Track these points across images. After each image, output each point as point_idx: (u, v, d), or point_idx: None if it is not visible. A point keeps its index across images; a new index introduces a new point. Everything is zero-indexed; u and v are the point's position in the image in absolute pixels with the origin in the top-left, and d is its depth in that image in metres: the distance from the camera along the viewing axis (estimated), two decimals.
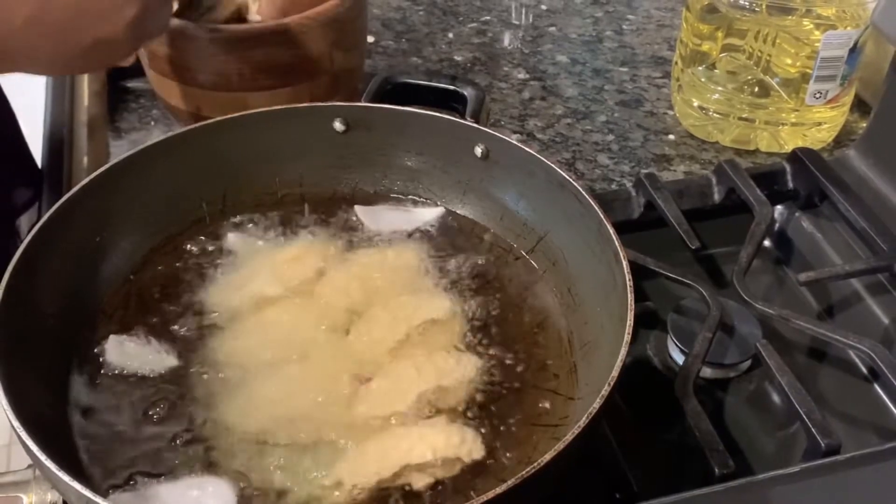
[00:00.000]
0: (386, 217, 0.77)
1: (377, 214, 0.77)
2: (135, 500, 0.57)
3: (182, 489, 0.57)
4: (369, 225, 0.76)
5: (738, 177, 0.85)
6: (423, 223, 0.76)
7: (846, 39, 0.89)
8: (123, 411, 0.62)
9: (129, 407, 0.62)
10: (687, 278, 0.77)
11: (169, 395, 0.63)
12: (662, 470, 0.68)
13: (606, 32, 1.19)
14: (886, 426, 0.72)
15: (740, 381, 0.75)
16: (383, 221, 0.76)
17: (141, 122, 1.00)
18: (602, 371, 0.57)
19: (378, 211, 0.77)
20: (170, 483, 0.58)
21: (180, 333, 0.67)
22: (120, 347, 0.65)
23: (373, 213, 0.77)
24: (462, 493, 0.58)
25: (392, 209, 0.77)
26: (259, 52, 0.84)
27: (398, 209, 0.77)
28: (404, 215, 0.77)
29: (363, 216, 0.77)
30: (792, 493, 0.59)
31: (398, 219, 0.77)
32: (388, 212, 0.77)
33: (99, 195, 0.69)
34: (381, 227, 0.76)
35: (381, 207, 0.78)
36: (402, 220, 0.76)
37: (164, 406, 0.62)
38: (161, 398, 0.63)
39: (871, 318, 0.80)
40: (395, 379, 0.64)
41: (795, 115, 0.95)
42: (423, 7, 1.23)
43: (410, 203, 0.78)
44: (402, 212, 0.77)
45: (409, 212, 0.77)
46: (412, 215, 0.77)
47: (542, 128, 1.01)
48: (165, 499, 0.57)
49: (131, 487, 0.57)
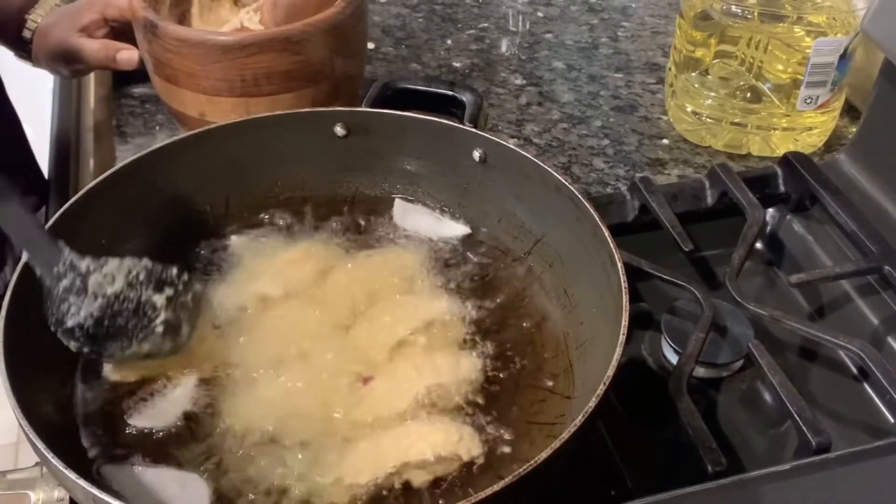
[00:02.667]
0: (415, 218, 0.77)
1: (409, 213, 0.77)
2: (118, 474, 0.58)
3: (165, 478, 0.58)
4: (397, 219, 0.76)
5: (731, 180, 0.85)
6: (446, 237, 0.75)
7: (836, 46, 0.89)
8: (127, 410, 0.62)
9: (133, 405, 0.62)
10: (680, 280, 0.77)
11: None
12: (656, 467, 0.68)
13: (602, 39, 1.19)
14: (876, 424, 0.72)
15: (733, 381, 0.75)
16: (409, 220, 0.76)
17: (146, 127, 1.00)
18: (598, 370, 0.57)
19: (413, 210, 0.77)
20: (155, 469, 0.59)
21: None
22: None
23: (407, 210, 0.77)
24: (460, 491, 0.58)
25: (426, 213, 0.77)
26: (262, 58, 0.84)
27: (431, 215, 0.77)
28: (433, 223, 0.76)
29: (397, 209, 0.77)
30: (783, 490, 0.59)
31: (425, 223, 0.76)
32: (420, 214, 0.77)
33: (105, 198, 0.69)
34: (405, 224, 0.76)
35: (418, 207, 0.77)
36: (427, 226, 0.76)
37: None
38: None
39: (860, 319, 0.80)
40: (396, 378, 0.64)
41: (787, 119, 0.95)
42: (422, 14, 1.23)
43: (446, 215, 0.77)
44: (434, 219, 0.77)
45: (440, 221, 0.77)
46: (440, 225, 0.76)
47: (538, 132, 1.01)
48: (148, 480, 0.58)
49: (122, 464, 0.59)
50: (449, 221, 0.76)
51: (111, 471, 0.58)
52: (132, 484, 0.58)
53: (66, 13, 0.98)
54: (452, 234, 0.76)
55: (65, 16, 0.97)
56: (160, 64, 0.88)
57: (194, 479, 0.58)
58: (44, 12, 0.99)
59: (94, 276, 0.61)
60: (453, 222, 0.76)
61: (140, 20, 0.86)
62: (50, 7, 1.00)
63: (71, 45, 0.95)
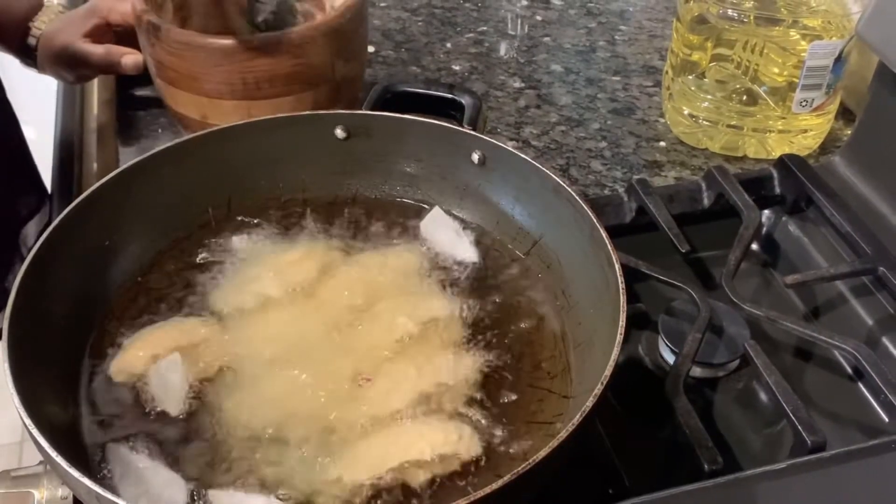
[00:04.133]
0: (440, 230, 0.75)
1: (438, 226, 0.76)
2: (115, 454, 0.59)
3: (152, 471, 0.58)
4: (423, 230, 0.76)
5: (727, 182, 0.85)
6: (457, 258, 0.74)
7: (832, 49, 0.89)
8: (130, 409, 0.62)
9: (136, 404, 0.62)
10: (677, 281, 0.77)
11: None
12: (653, 466, 0.68)
13: (599, 43, 1.19)
14: (870, 424, 0.72)
15: (729, 380, 0.75)
16: (432, 230, 0.75)
17: (149, 129, 1.00)
18: (595, 370, 0.57)
19: (443, 223, 0.76)
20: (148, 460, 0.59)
21: None
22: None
23: (437, 222, 0.76)
24: (459, 489, 0.58)
25: (450, 229, 0.76)
26: (263, 61, 0.84)
27: (454, 231, 0.75)
28: (452, 239, 0.75)
29: (428, 217, 0.76)
30: (779, 488, 0.59)
31: (445, 238, 0.75)
32: (445, 228, 0.76)
33: (108, 200, 0.69)
34: (427, 232, 0.75)
35: (447, 221, 0.76)
36: (445, 240, 0.75)
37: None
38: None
39: (855, 320, 0.80)
40: (395, 378, 0.64)
41: (782, 122, 0.95)
42: (421, 18, 1.23)
43: (468, 234, 0.75)
44: (454, 236, 0.75)
45: (459, 239, 0.75)
46: (457, 244, 0.75)
47: (537, 135, 1.01)
48: (137, 468, 0.58)
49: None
50: (466, 243, 0.75)
51: (112, 449, 0.59)
52: (123, 466, 0.58)
53: (69, 19, 0.98)
54: (463, 257, 0.74)
55: (69, 22, 0.97)
56: (163, 67, 0.88)
57: (177, 482, 0.58)
58: (48, 19, 0.99)
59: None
60: (470, 245, 0.74)
61: (143, 24, 0.86)
62: (54, 14, 1.00)
63: (76, 50, 0.95)
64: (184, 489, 0.57)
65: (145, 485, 0.57)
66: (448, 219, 0.76)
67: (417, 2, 1.26)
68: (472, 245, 0.75)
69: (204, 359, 0.65)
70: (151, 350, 0.65)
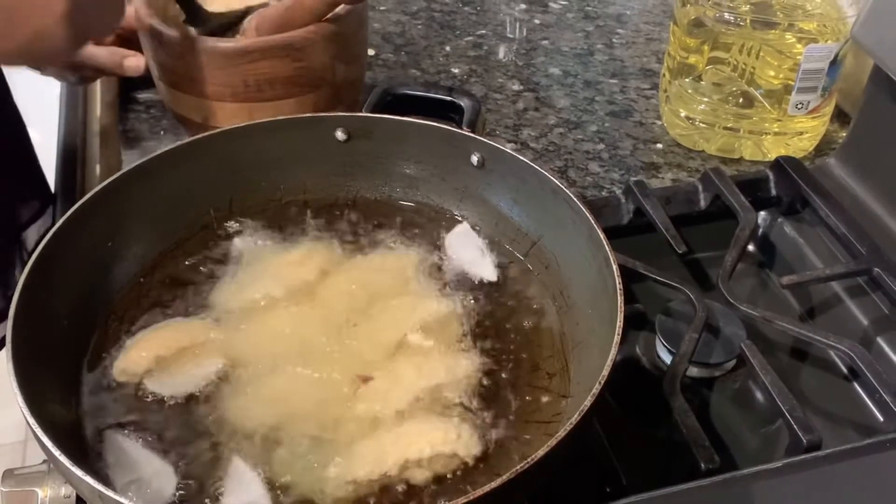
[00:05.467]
0: (465, 246, 0.74)
1: (463, 242, 0.74)
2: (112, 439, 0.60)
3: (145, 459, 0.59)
4: (447, 244, 0.74)
5: (724, 184, 0.85)
6: (475, 275, 0.72)
7: (827, 52, 0.89)
8: (133, 408, 0.62)
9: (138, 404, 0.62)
10: (674, 281, 0.77)
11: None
12: (650, 465, 0.68)
13: (597, 46, 1.19)
14: (865, 423, 0.72)
15: (725, 380, 0.75)
16: (457, 245, 0.74)
17: (151, 131, 1.00)
18: (593, 370, 0.57)
19: (470, 240, 0.75)
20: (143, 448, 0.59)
21: None
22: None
23: (463, 238, 0.75)
24: (459, 488, 0.58)
25: (475, 246, 0.74)
26: (264, 64, 0.84)
27: (479, 249, 0.74)
28: (475, 257, 0.73)
29: (455, 232, 0.75)
30: (774, 487, 0.59)
31: (466, 255, 0.74)
32: (470, 245, 0.74)
33: (111, 201, 0.69)
34: (451, 246, 0.74)
35: (474, 238, 0.75)
36: (467, 257, 0.73)
37: (172, 402, 0.62)
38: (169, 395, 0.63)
39: (850, 320, 0.80)
40: (395, 378, 0.64)
41: (778, 124, 0.95)
42: (421, 21, 1.23)
43: (493, 253, 0.74)
44: (478, 254, 0.74)
45: (482, 257, 0.73)
46: (479, 262, 0.73)
47: (535, 137, 1.01)
48: (132, 454, 0.59)
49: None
50: (489, 262, 0.73)
51: (108, 436, 0.60)
52: (117, 454, 0.59)
53: None
54: (482, 275, 0.72)
55: None
56: (165, 70, 0.88)
57: (168, 472, 0.58)
58: None
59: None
60: (492, 265, 0.73)
61: (146, 28, 0.86)
62: None
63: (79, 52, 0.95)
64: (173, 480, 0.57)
65: (137, 472, 0.58)
66: (474, 236, 0.75)
67: (417, 5, 1.26)
68: (493, 265, 0.73)
69: (205, 359, 0.65)
70: (154, 350, 0.65)
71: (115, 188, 0.69)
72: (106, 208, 0.69)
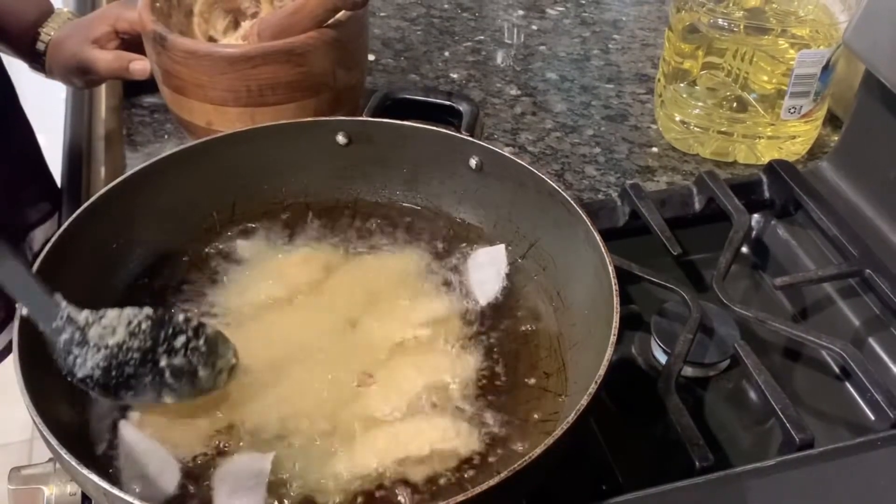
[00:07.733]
0: (486, 268, 0.73)
1: (490, 262, 0.73)
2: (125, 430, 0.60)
3: (153, 453, 0.59)
4: (472, 259, 0.73)
5: (718, 187, 0.85)
6: (479, 294, 0.71)
7: (819, 58, 0.89)
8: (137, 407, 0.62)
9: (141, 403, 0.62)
10: (669, 283, 0.77)
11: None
12: (646, 463, 0.68)
13: (593, 51, 1.19)
14: (857, 422, 0.73)
15: (719, 380, 0.75)
16: (480, 264, 0.73)
17: (155, 135, 1.00)
18: (589, 370, 0.57)
19: (497, 262, 0.73)
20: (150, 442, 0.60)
21: None
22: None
23: (492, 259, 0.73)
24: (458, 485, 0.58)
25: (494, 268, 0.73)
26: (266, 69, 0.84)
27: (498, 277, 0.72)
28: (490, 277, 0.72)
29: (487, 251, 0.74)
30: (768, 485, 0.59)
31: (482, 276, 0.72)
32: (494, 269, 0.73)
33: (116, 204, 0.69)
34: (472, 264, 0.73)
35: (503, 263, 0.73)
36: (482, 278, 0.72)
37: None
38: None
39: (842, 321, 0.80)
40: (396, 377, 0.64)
41: (771, 128, 0.95)
42: (420, 27, 1.23)
43: (506, 279, 0.72)
44: (494, 276, 0.72)
45: (495, 281, 0.72)
46: (490, 284, 0.71)
47: (532, 141, 1.02)
48: (140, 447, 0.59)
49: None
50: (497, 285, 0.71)
51: (113, 433, 0.60)
52: (122, 450, 0.59)
53: (78, 26, 0.98)
54: (480, 296, 0.71)
55: (77, 29, 0.97)
56: (169, 75, 0.88)
57: (173, 465, 0.58)
58: (57, 25, 0.99)
59: (94, 328, 0.58)
60: (498, 288, 0.71)
61: (149, 33, 0.86)
62: (63, 20, 1.00)
63: (84, 56, 0.95)
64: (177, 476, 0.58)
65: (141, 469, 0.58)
66: (504, 261, 0.73)
67: (416, 11, 1.26)
68: (500, 288, 0.71)
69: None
70: None
71: (119, 191, 0.69)
72: (110, 211, 0.69)
